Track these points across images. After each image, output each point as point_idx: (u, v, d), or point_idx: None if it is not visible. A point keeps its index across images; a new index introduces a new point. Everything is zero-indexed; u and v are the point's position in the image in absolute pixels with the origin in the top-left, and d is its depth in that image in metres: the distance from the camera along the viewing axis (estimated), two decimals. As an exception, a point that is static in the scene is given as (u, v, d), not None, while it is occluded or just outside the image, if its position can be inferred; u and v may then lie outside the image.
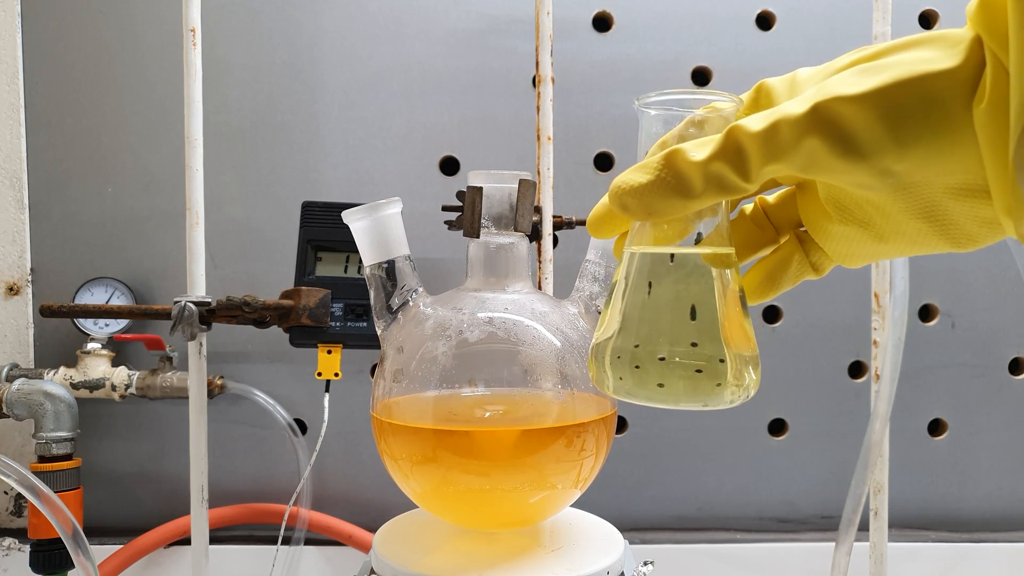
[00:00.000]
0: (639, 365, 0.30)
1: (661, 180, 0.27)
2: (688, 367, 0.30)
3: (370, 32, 0.90)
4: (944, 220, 0.27)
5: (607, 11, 0.91)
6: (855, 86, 0.24)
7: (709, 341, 0.30)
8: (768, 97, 0.30)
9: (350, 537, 0.88)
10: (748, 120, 0.26)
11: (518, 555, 0.45)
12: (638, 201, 0.27)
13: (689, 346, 0.30)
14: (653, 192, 0.27)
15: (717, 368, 0.30)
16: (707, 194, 0.26)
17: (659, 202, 0.27)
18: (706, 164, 0.26)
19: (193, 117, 0.69)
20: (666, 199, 0.27)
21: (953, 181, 0.25)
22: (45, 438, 0.73)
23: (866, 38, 0.76)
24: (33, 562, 0.70)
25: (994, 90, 0.23)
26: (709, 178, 0.26)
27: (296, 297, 0.75)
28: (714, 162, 0.26)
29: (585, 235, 0.49)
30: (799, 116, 0.24)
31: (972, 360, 0.93)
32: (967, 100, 0.23)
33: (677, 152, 0.27)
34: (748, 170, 0.26)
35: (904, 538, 0.91)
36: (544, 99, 0.71)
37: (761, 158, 0.25)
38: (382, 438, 0.46)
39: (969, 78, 0.23)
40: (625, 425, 0.92)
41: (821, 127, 0.24)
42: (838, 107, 0.24)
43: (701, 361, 0.30)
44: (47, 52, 0.90)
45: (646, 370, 0.30)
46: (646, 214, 0.28)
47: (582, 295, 0.48)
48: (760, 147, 0.25)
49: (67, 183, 0.90)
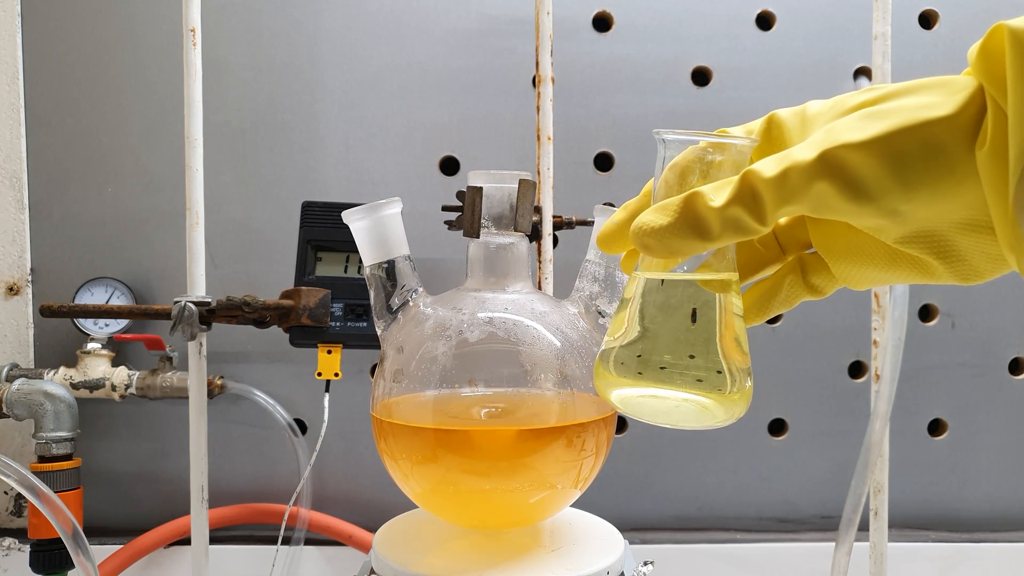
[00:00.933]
0: (642, 372, 0.32)
1: (681, 223, 0.28)
2: (689, 377, 0.31)
3: (370, 32, 0.90)
4: (951, 255, 0.28)
5: (607, 11, 0.91)
6: (860, 132, 0.25)
7: (706, 354, 0.31)
8: (779, 130, 0.31)
9: (350, 537, 0.88)
10: (761, 165, 0.27)
11: (518, 555, 0.45)
12: (658, 242, 0.28)
13: (688, 359, 0.31)
14: (673, 234, 0.28)
15: (715, 378, 0.31)
16: (724, 236, 0.27)
17: (678, 243, 0.28)
18: (724, 209, 0.27)
19: (193, 117, 0.69)
20: (685, 240, 0.28)
21: (959, 218, 0.26)
22: (45, 438, 0.73)
23: (866, 38, 0.76)
24: (33, 562, 0.70)
25: (995, 134, 0.24)
26: (726, 222, 0.27)
27: (296, 297, 0.75)
28: (731, 207, 0.27)
29: (585, 235, 0.49)
30: (808, 163, 0.25)
31: (972, 360, 0.93)
32: (969, 144, 0.25)
33: (696, 196, 0.27)
34: (763, 214, 0.27)
35: (904, 538, 0.91)
36: (544, 99, 0.71)
37: (775, 202, 0.26)
38: (382, 438, 0.46)
39: (970, 123, 0.25)
40: (625, 425, 0.92)
41: (829, 172, 0.25)
42: (844, 154, 0.25)
43: (700, 372, 0.31)
44: (47, 52, 0.90)
45: (647, 377, 0.32)
46: (667, 254, 0.29)
47: (582, 295, 0.48)
48: (773, 192, 0.26)
49: (67, 183, 0.90)
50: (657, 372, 0.31)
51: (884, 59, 0.73)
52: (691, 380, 0.31)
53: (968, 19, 0.91)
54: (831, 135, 0.25)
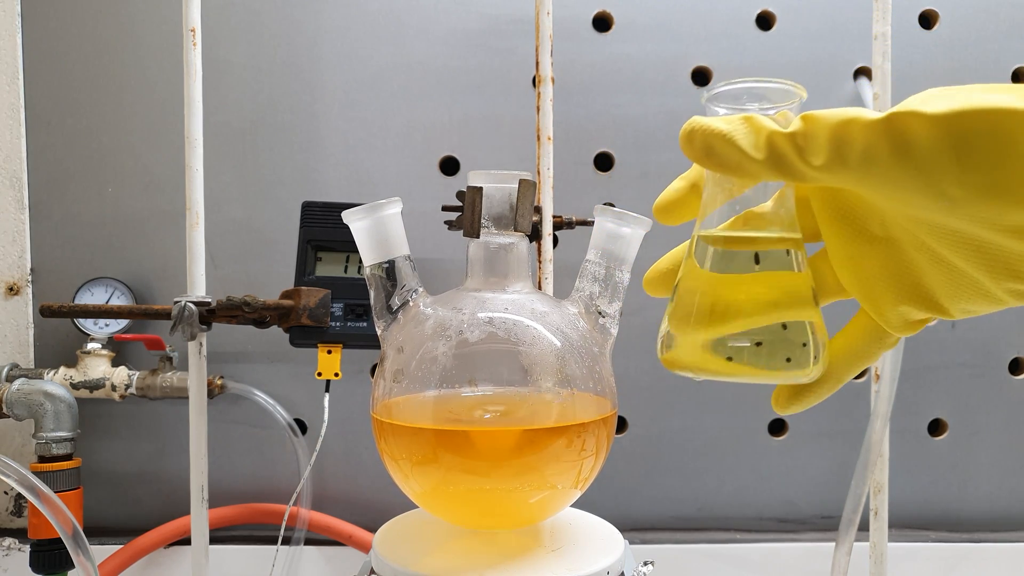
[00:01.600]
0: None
1: (734, 132, 0.28)
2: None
3: (370, 32, 0.90)
4: (999, 266, 0.27)
5: (607, 11, 0.91)
6: (931, 105, 0.25)
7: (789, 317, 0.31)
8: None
9: (350, 537, 0.88)
10: (824, 112, 0.27)
11: (518, 555, 0.45)
12: (702, 139, 0.29)
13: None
14: (723, 139, 0.28)
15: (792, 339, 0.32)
16: (768, 161, 0.28)
17: (723, 148, 0.28)
18: (776, 134, 0.28)
19: (193, 117, 0.69)
20: (729, 150, 0.28)
21: (1013, 222, 0.26)
22: (45, 438, 0.73)
23: (866, 38, 0.76)
24: (33, 562, 0.70)
25: None
26: (773, 147, 0.28)
27: (296, 297, 0.75)
28: (783, 137, 0.27)
29: (585, 235, 0.49)
30: (874, 120, 0.25)
31: (972, 360, 0.93)
32: None
33: (754, 118, 0.28)
34: (813, 152, 0.27)
35: (904, 538, 0.91)
36: (544, 99, 0.71)
37: (828, 148, 0.26)
38: (382, 438, 0.46)
39: None
40: (625, 425, 0.92)
41: (891, 133, 0.25)
42: (911, 120, 0.25)
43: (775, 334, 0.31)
44: (47, 52, 0.90)
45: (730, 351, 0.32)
46: (705, 155, 0.29)
47: (582, 295, 0.48)
48: (830, 138, 0.26)
49: (67, 183, 0.90)
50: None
51: (884, 59, 0.73)
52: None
53: (968, 19, 0.91)
54: (904, 104, 0.25)
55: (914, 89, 0.26)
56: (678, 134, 0.30)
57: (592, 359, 0.46)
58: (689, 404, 0.92)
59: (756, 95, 0.31)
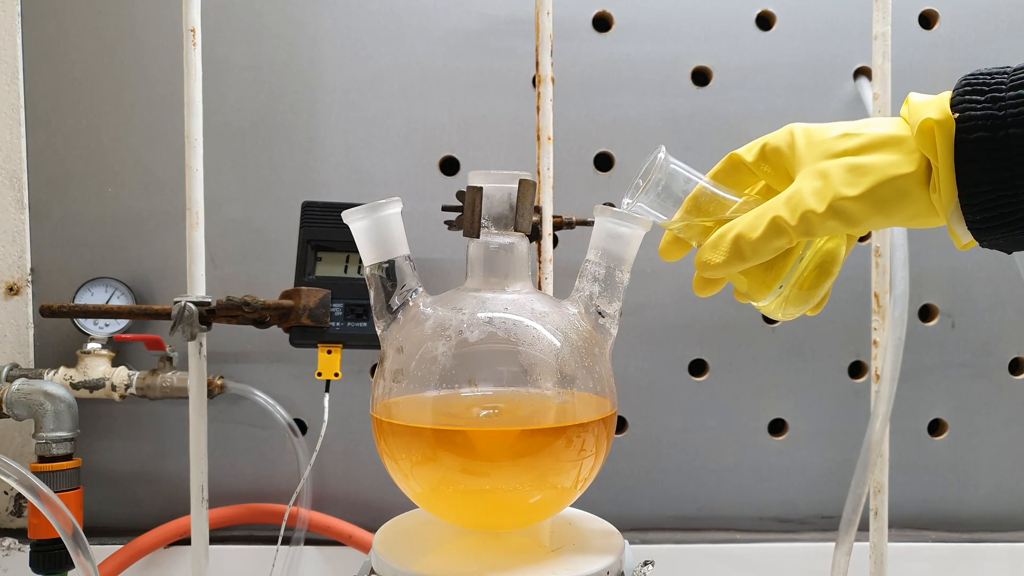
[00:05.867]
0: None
1: (732, 257, 0.42)
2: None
3: (370, 32, 0.90)
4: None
5: (607, 11, 0.91)
6: (853, 187, 0.39)
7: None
8: (776, 156, 0.43)
9: (350, 537, 0.88)
10: (782, 210, 0.40)
11: (518, 555, 0.45)
12: (714, 272, 0.43)
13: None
14: (725, 268, 0.42)
15: None
16: (762, 255, 0.42)
17: (729, 270, 0.43)
18: (759, 241, 0.41)
19: (193, 117, 0.69)
20: (734, 266, 0.42)
21: (910, 222, 0.41)
22: (45, 438, 0.73)
23: (866, 38, 0.76)
24: (33, 562, 0.70)
25: (935, 182, 0.38)
26: (759, 249, 0.41)
27: (296, 297, 0.75)
28: (764, 240, 0.41)
29: (585, 235, 0.49)
30: (821, 213, 0.39)
31: (972, 360, 0.93)
32: (924, 186, 0.39)
33: (740, 236, 0.41)
34: (791, 240, 0.41)
35: (904, 538, 0.91)
36: (544, 99, 0.71)
37: (798, 233, 0.40)
38: (382, 438, 0.46)
39: (924, 175, 0.38)
40: (625, 425, 0.92)
41: (836, 216, 0.39)
42: (845, 204, 0.39)
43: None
44: (47, 52, 0.90)
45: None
46: (723, 276, 0.44)
47: (582, 295, 0.48)
48: (796, 229, 0.40)
49: (67, 183, 0.90)
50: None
51: (884, 59, 0.73)
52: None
53: (968, 19, 0.91)
54: (830, 186, 0.39)
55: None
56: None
57: (592, 359, 0.46)
58: (689, 404, 0.92)
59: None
